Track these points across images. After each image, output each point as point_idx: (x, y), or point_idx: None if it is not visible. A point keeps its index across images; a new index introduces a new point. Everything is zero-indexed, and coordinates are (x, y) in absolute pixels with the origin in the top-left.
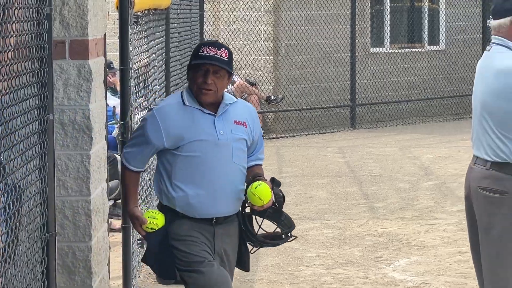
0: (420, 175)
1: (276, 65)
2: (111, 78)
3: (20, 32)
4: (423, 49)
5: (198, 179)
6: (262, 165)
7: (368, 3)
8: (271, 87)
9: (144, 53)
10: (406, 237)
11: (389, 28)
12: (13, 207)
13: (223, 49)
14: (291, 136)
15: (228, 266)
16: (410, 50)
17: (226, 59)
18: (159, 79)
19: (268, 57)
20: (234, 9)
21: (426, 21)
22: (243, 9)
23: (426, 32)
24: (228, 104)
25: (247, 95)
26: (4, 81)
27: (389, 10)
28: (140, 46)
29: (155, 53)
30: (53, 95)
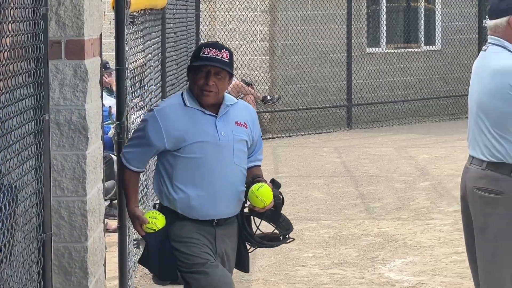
0: (416, 175)
1: (272, 65)
2: (107, 78)
3: (16, 32)
4: (419, 49)
5: (199, 180)
6: (260, 166)
7: (364, 3)
8: (267, 87)
9: (140, 53)
10: (402, 238)
11: (385, 28)
12: (9, 207)
13: (224, 50)
14: (287, 136)
15: (228, 267)
16: (406, 50)
17: (227, 60)
18: (155, 79)
19: (264, 57)
20: (230, 9)
21: (422, 21)
22: (239, 9)
23: (422, 32)
24: (229, 105)
25: (243, 95)
26: (0, 81)
27: (385, 10)
28: (136, 46)
29: (151, 53)
30: (49, 95)
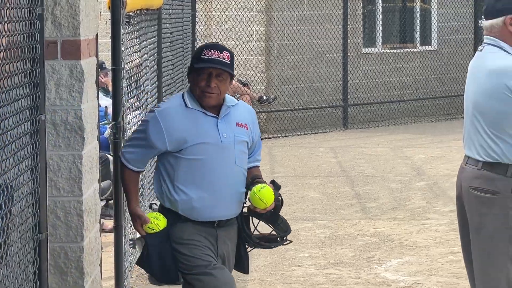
0: (412, 175)
1: (268, 65)
2: (103, 79)
3: (11, 32)
4: (415, 49)
5: (201, 182)
6: (259, 167)
7: (360, 3)
8: (263, 87)
9: (136, 53)
10: (398, 238)
11: (381, 28)
12: (4, 207)
13: (225, 51)
14: (283, 136)
15: (228, 268)
16: (402, 50)
17: (229, 62)
18: (151, 79)
19: (260, 57)
20: (226, 9)
21: (418, 21)
22: (235, 9)
23: (418, 32)
24: (230, 106)
25: (239, 95)
26: None
27: (381, 10)
28: (132, 46)
29: (147, 53)
30: (45, 95)
